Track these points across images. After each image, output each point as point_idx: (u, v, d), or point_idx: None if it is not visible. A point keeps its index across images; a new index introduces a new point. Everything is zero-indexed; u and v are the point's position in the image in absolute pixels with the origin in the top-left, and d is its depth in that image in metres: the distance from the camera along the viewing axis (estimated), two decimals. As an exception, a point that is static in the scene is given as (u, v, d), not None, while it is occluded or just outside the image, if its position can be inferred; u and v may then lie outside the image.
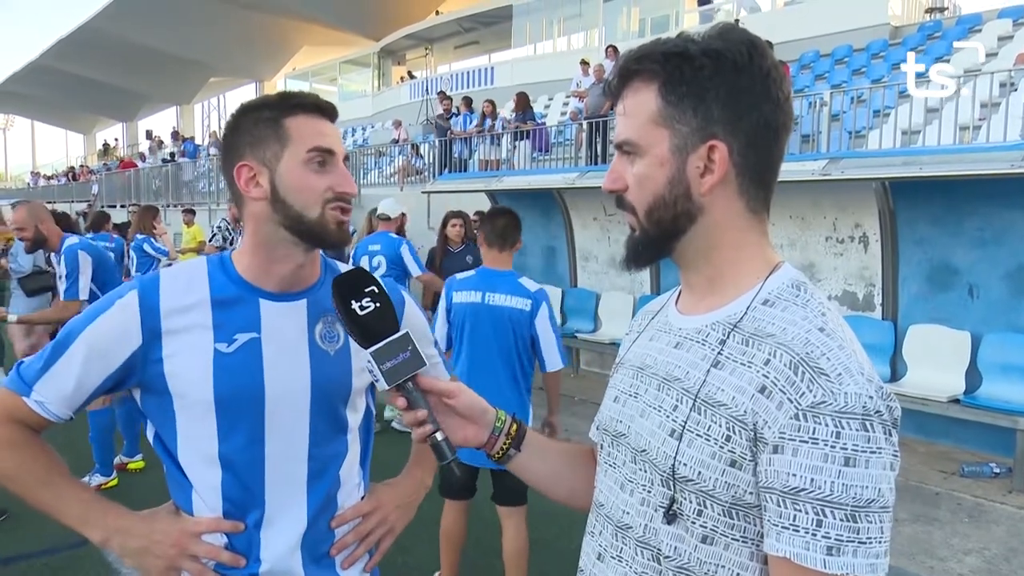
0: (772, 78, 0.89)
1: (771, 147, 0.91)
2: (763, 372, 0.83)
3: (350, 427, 1.33)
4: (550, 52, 20.24)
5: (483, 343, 3.07)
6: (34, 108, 42.85)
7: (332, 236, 1.23)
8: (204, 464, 1.23)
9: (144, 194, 20.83)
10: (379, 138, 19.03)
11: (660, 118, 0.90)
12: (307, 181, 1.20)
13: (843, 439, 0.77)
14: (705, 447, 0.85)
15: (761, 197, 0.93)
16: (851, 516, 0.76)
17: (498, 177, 9.05)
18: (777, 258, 0.95)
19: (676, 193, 0.91)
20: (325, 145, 1.21)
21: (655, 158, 0.91)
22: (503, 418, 1.11)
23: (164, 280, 1.24)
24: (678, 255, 0.96)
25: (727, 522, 0.85)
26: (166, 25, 25.35)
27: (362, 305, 1.07)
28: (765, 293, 0.90)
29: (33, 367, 1.21)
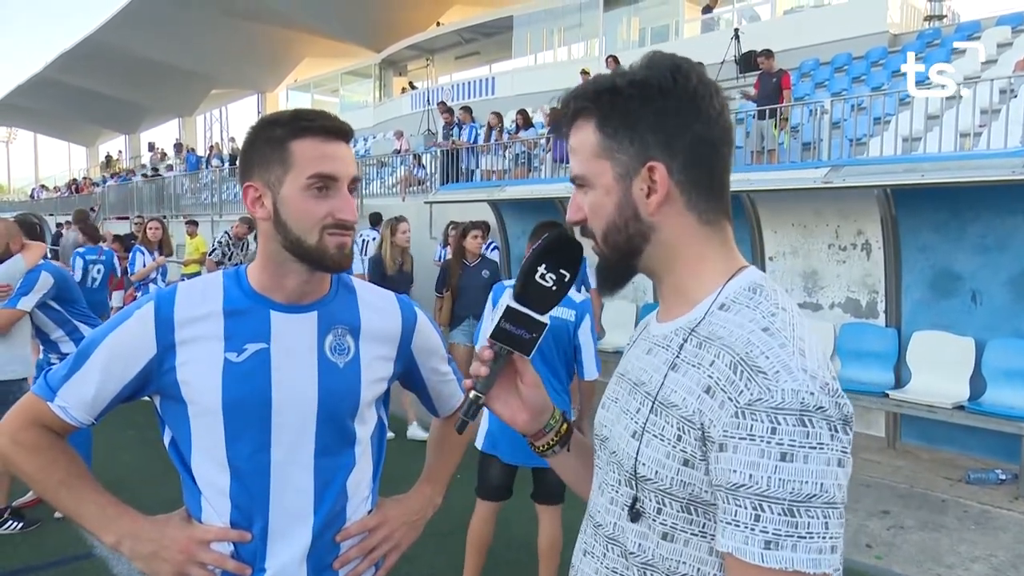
0: (700, 96, 0.94)
1: (711, 160, 0.96)
2: (708, 373, 0.86)
3: (358, 439, 1.33)
4: (551, 62, 20.32)
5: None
6: (37, 121, 43.05)
7: (330, 261, 1.24)
8: (213, 470, 1.25)
9: (147, 206, 20.89)
10: (381, 148, 19.09)
11: (601, 151, 0.96)
12: (306, 207, 1.21)
13: (779, 435, 0.79)
14: (660, 447, 0.89)
15: (713, 208, 0.97)
16: (789, 511, 0.78)
17: (501, 187, 9.08)
18: (740, 264, 0.98)
19: (626, 216, 0.96)
20: (326, 171, 1.21)
21: (602, 188, 0.97)
22: (558, 417, 1.16)
23: (180, 292, 1.28)
24: (644, 271, 1.01)
25: (685, 518, 0.89)
26: (168, 37, 25.50)
27: (545, 276, 1.03)
28: (723, 298, 0.94)
29: (58, 374, 1.26)
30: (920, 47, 11.71)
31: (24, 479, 1.28)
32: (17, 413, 1.27)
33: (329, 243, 1.22)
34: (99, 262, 6.60)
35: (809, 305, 6.52)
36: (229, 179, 19.03)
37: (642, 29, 18.95)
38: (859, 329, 6.21)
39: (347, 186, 1.24)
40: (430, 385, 1.48)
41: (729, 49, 13.13)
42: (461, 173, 12.53)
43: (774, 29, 14.17)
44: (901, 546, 4.11)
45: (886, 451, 5.85)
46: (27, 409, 1.27)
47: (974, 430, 5.37)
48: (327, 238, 1.22)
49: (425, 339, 1.41)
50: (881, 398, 5.69)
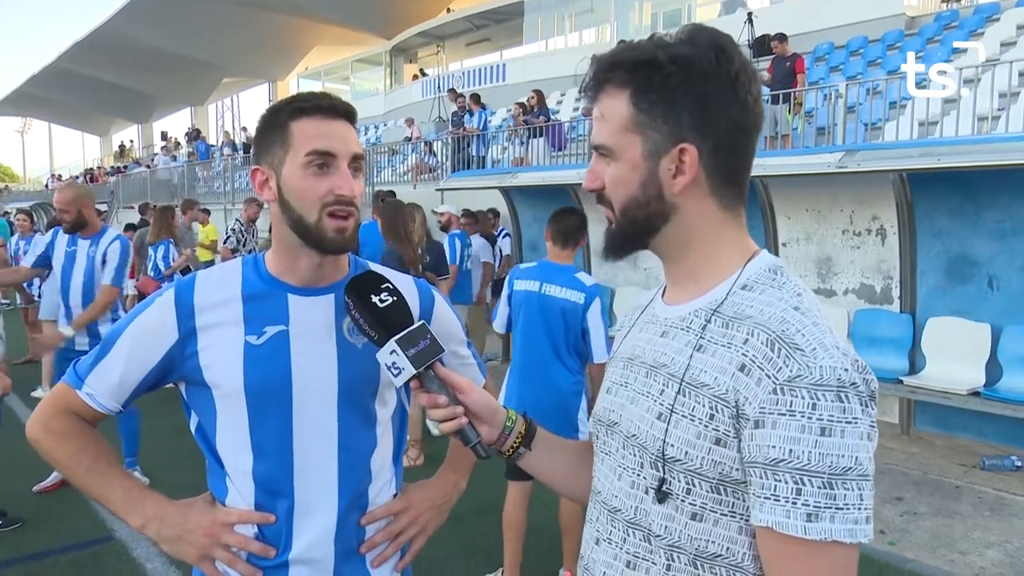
0: (740, 82, 0.92)
1: (741, 148, 0.95)
2: (742, 351, 0.87)
3: (379, 420, 1.35)
4: (562, 48, 20.20)
5: (534, 330, 3.29)
6: (51, 111, 43.32)
7: (328, 243, 1.24)
8: (238, 452, 1.27)
9: (162, 193, 21.01)
10: (392, 136, 19.09)
11: (632, 125, 0.94)
12: (306, 184, 1.22)
13: (819, 410, 0.80)
14: (691, 427, 0.89)
15: (734, 194, 0.97)
16: (828, 483, 0.80)
17: (513, 174, 9.06)
18: (754, 247, 0.99)
19: (649, 194, 0.95)
20: (323, 147, 1.21)
21: (628, 162, 0.95)
22: (513, 417, 1.16)
23: (199, 279, 1.31)
24: (657, 250, 1.01)
25: (715, 498, 0.89)
26: (179, 27, 25.54)
27: (381, 298, 1.16)
28: (744, 279, 0.94)
29: (86, 363, 1.30)
30: (937, 29, 11.55)
31: (54, 465, 1.31)
32: (48, 402, 1.31)
33: (328, 225, 1.23)
34: None
35: (823, 291, 6.48)
36: (242, 167, 19.11)
37: (654, 13, 18.79)
38: (873, 315, 6.17)
39: (347, 164, 1.24)
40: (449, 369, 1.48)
41: (743, 33, 12.99)
42: (472, 160, 12.51)
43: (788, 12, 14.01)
44: (915, 532, 4.10)
45: (900, 438, 5.83)
46: (57, 398, 1.30)
47: (989, 416, 5.34)
48: (326, 219, 1.22)
49: (443, 322, 1.41)
50: (895, 384, 5.66)
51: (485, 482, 3.18)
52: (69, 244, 4.42)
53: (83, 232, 4.40)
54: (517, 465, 1.19)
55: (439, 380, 1.12)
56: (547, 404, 3.22)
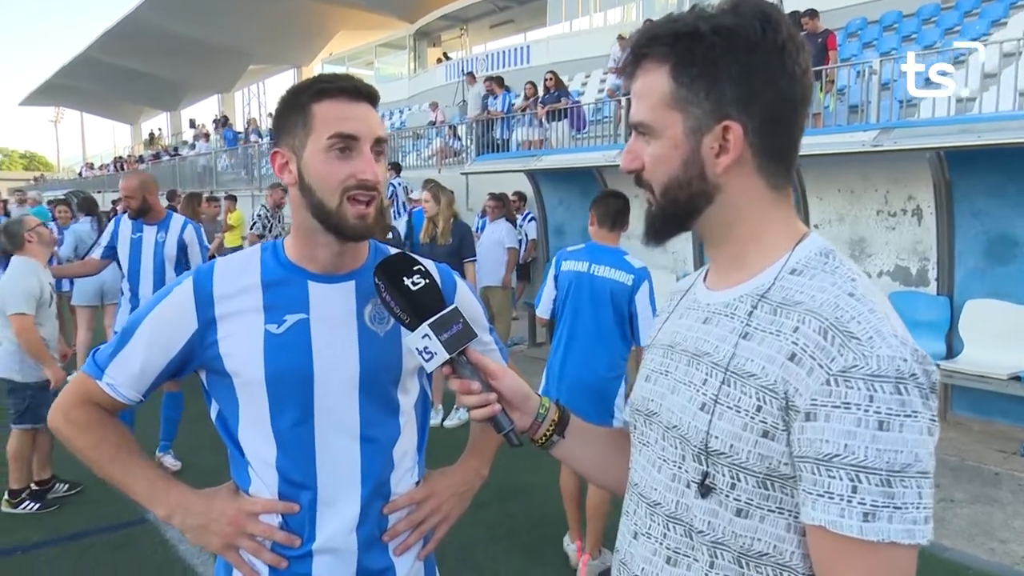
0: (787, 52, 0.87)
1: (789, 123, 0.91)
2: (792, 339, 0.82)
3: (402, 409, 1.32)
4: (586, 28, 19.96)
5: (582, 311, 3.29)
6: (83, 100, 43.99)
7: (349, 229, 1.21)
8: (260, 441, 1.26)
9: (189, 181, 21.26)
10: (416, 120, 19.08)
11: (672, 101, 0.90)
12: (327, 168, 1.19)
13: (876, 403, 0.75)
14: (736, 419, 0.85)
15: (781, 173, 0.92)
16: (886, 481, 0.75)
17: (537, 157, 8.98)
18: (803, 229, 0.94)
19: (691, 174, 0.91)
20: (346, 131, 1.18)
21: (669, 140, 0.91)
22: (546, 404, 1.14)
23: (219, 267, 1.29)
24: (700, 232, 0.97)
25: (762, 494, 0.84)
26: (205, 14, 25.69)
27: (414, 281, 1.12)
28: (793, 263, 0.89)
29: (105, 352, 1.29)
30: (975, 2, 11.16)
31: (77, 455, 1.30)
32: (69, 391, 1.30)
33: (349, 212, 1.20)
34: None
35: (856, 273, 6.33)
36: (267, 154, 19.21)
37: (681, -8, 18.43)
38: (909, 298, 6.02)
39: (370, 148, 1.21)
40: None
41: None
42: (496, 143, 12.43)
43: (820, -13, 13.62)
44: (952, 520, 4.01)
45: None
46: (78, 387, 1.29)
47: (1030, 401, 5.19)
48: (347, 205, 1.19)
49: (466, 308, 1.37)
50: (931, 368, 5.52)
51: (509, 468, 3.16)
52: (134, 231, 4.40)
53: (148, 218, 4.40)
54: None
55: (472, 365, 1.09)
56: (587, 386, 3.22)
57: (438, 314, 1.09)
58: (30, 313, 3.86)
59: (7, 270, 4.03)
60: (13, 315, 3.83)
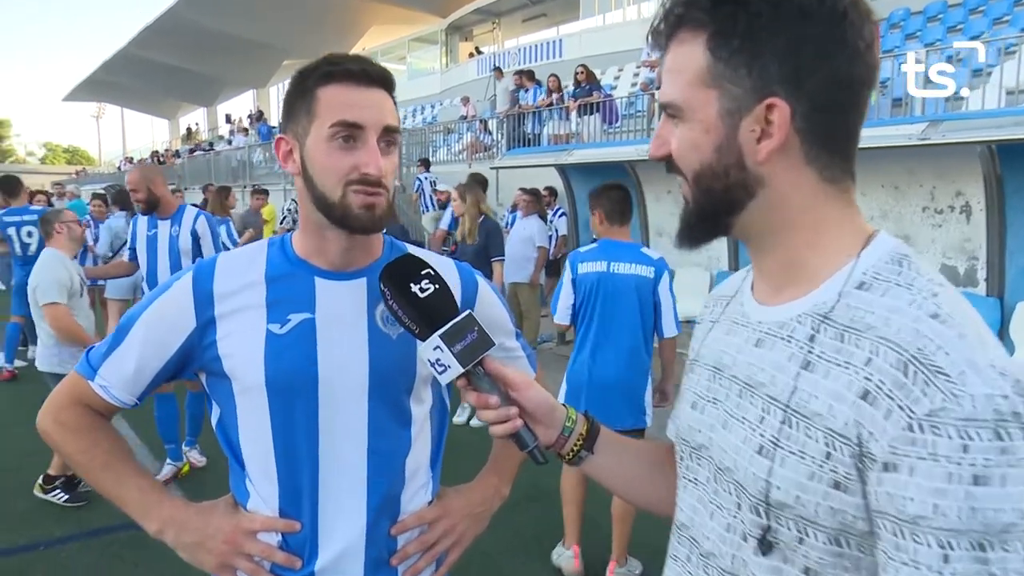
0: (849, 22, 0.74)
1: (848, 105, 0.77)
2: (864, 374, 0.68)
3: (414, 418, 1.22)
4: (619, 22, 19.69)
5: (609, 311, 3.19)
6: (123, 95, 44.80)
7: (354, 221, 1.11)
8: (259, 452, 1.17)
9: (224, 175, 21.50)
10: (448, 115, 19.02)
11: (708, 76, 0.77)
12: (330, 159, 1.09)
13: (971, 453, 0.62)
14: (801, 466, 0.72)
15: (839, 163, 0.78)
16: (980, 545, 0.62)
17: (568, 151, 8.85)
18: (869, 229, 0.80)
19: (726, 162, 0.78)
20: (351, 119, 1.08)
21: (701, 123, 0.78)
22: (574, 417, 1.02)
23: (221, 262, 1.19)
24: (741, 234, 0.83)
25: (834, 552, 0.72)
26: (241, 10, 25.94)
27: (422, 287, 1.01)
28: (859, 274, 0.75)
29: (99, 351, 1.20)
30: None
31: (67, 460, 1.22)
32: (61, 392, 1.23)
33: (353, 201, 1.09)
34: None
35: (899, 272, 6.10)
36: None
37: (717, -17, 18.06)
38: (955, 298, 5.77)
39: (377, 137, 1.10)
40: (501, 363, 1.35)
41: (812, 1, 12.34)
42: (527, 138, 12.31)
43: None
44: None
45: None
46: (70, 388, 1.21)
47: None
48: (351, 195, 1.09)
49: (488, 311, 1.27)
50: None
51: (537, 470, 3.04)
52: (149, 227, 4.28)
53: (160, 212, 4.26)
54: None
55: (490, 377, 0.99)
56: (618, 387, 3.14)
57: (449, 323, 0.98)
58: (63, 302, 3.84)
59: (38, 261, 4.01)
60: (46, 305, 3.81)
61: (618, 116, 11.46)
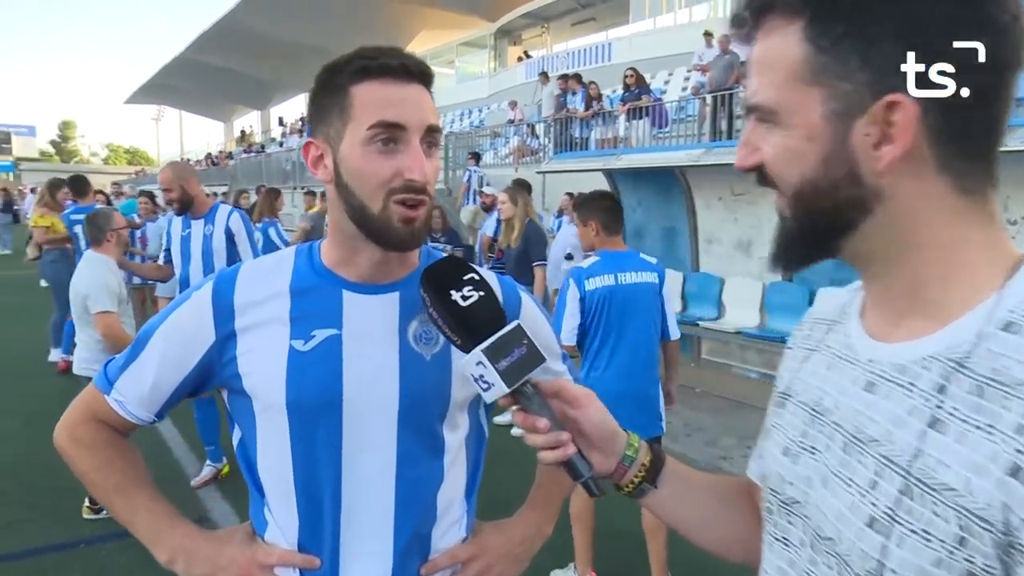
0: None
1: (990, 96, 0.62)
2: (1017, 445, 0.54)
3: (448, 447, 1.11)
4: (670, 25, 19.43)
5: (624, 323, 3.13)
6: (181, 99, 46.18)
7: (393, 236, 1.00)
8: (278, 479, 1.07)
9: (276, 177, 21.87)
10: (495, 119, 19.02)
11: (808, 72, 0.64)
12: (368, 165, 0.98)
13: None
14: (925, 550, 0.58)
15: (979, 170, 0.64)
16: None
17: (616, 155, 8.68)
18: (1016, 252, 0.65)
19: (835, 175, 0.64)
20: (391, 119, 0.97)
21: (801, 128, 0.65)
22: (636, 444, 0.90)
23: (243, 271, 1.10)
24: (852, 258, 0.69)
25: None
26: (293, 15, 26.44)
27: (464, 295, 0.92)
28: (1005, 311, 0.60)
29: (116, 364, 1.13)
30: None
31: (80, 478, 1.15)
32: (77, 406, 1.15)
33: (394, 214, 0.99)
34: None
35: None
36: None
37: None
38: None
39: (420, 139, 0.99)
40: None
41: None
42: (574, 142, 12.18)
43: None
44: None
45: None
46: (87, 402, 1.14)
47: None
48: (393, 207, 0.98)
49: (531, 329, 1.15)
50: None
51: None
52: (183, 228, 4.22)
53: (194, 212, 4.18)
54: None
55: (540, 396, 0.87)
56: (642, 398, 3.09)
57: (495, 335, 0.88)
58: (115, 311, 3.78)
59: (85, 265, 3.93)
60: (100, 313, 3.74)
61: (668, 120, 11.26)
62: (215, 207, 4.30)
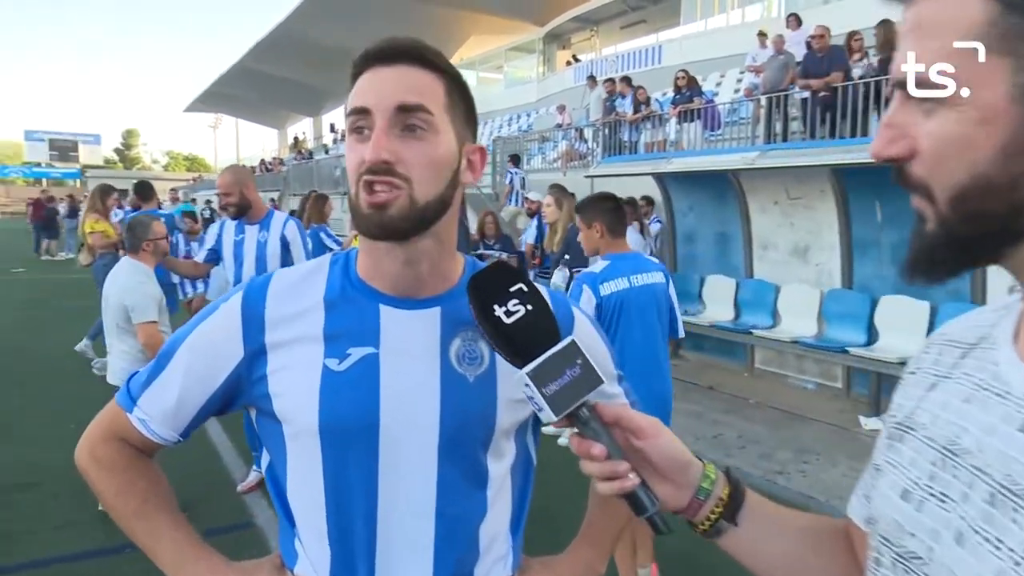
0: None
1: None
2: None
3: (492, 477, 1.01)
4: (722, 26, 19.05)
5: (641, 326, 3.09)
6: (237, 107, 47.42)
7: (362, 222, 0.93)
8: (310, 508, 0.99)
9: (327, 183, 22.21)
10: (543, 123, 18.94)
11: (994, 37, 0.52)
12: (349, 154, 0.95)
13: None
14: None
15: None
16: None
17: (667, 159, 8.49)
18: None
19: (1016, 170, 0.52)
20: (357, 104, 0.93)
21: (976, 109, 0.53)
22: (713, 476, 0.79)
23: (275, 282, 1.02)
24: (1018, 269, 0.56)
25: None
26: (346, 23, 26.86)
27: (508, 310, 0.83)
28: None
29: (140, 379, 1.06)
30: None
31: (100, 502, 1.09)
32: (99, 423, 1.09)
33: (362, 200, 0.92)
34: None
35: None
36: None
37: (831, -17, 17.17)
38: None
39: (390, 119, 0.91)
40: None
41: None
42: (623, 146, 12.01)
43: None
44: None
45: None
46: (109, 420, 1.08)
47: None
48: (361, 194, 0.92)
49: (586, 348, 1.05)
50: None
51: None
52: (237, 232, 4.15)
53: (249, 217, 4.12)
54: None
55: (599, 421, 0.78)
56: (662, 398, 3.06)
57: (543, 355, 0.78)
58: (157, 320, 3.69)
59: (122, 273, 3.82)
60: (144, 323, 3.64)
61: (720, 123, 11.00)
62: (270, 214, 4.27)
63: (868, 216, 6.57)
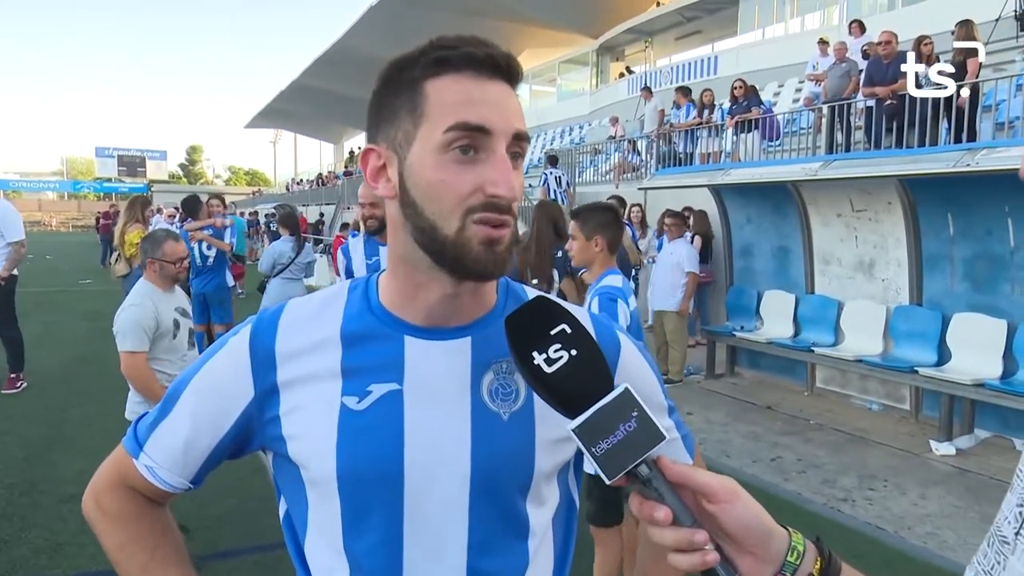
0: None
1: None
2: None
3: (533, 527, 0.90)
4: (781, 35, 18.61)
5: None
6: (295, 122, 48.69)
7: (472, 264, 0.81)
8: (329, 562, 0.90)
9: (379, 196, 22.48)
10: (596, 136, 18.81)
11: None
12: (444, 176, 0.80)
13: None
14: None
15: None
16: None
17: (724, 170, 8.25)
18: None
19: None
20: (473, 120, 0.79)
21: None
22: (800, 547, 0.68)
23: (287, 313, 0.92)
24: None
25: None
26: (401, 37, 26.99)
27: (549, 357, 0.72)
28: None
29: (146, 422, 0.97)
30: None
31: (106, 554, 0.99)
32: (106, 469, 1.01)
33: (474, 235, 0.80)
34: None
35: None
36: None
37: (893, -11, 16.60)
38: None
39: (506, 147, 0.80)
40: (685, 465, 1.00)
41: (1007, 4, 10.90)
42: (677, 158, 11.77)
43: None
44: None
45: None
46: (115, 466, 0.99)
47: None
48: (472, 227, 0.80)
49: (634, 380, 0.93)
50: None
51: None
52: (368, 254, 3.68)
53: (384, 237, 3.47)
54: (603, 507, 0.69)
55: (664, 479, 0.68)
56: None
57: (592, 408, 0.68)
58: (141, 350, 3.26)
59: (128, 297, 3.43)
60: (123, 352, 3.26)
61: (779, 133, 10.68)
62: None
63: (939, 229, 6.23)
